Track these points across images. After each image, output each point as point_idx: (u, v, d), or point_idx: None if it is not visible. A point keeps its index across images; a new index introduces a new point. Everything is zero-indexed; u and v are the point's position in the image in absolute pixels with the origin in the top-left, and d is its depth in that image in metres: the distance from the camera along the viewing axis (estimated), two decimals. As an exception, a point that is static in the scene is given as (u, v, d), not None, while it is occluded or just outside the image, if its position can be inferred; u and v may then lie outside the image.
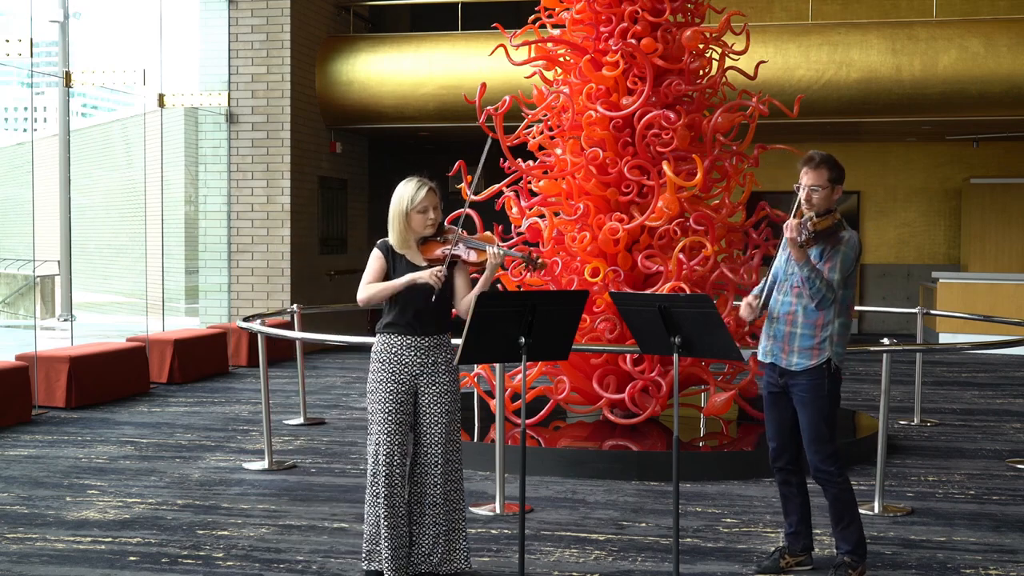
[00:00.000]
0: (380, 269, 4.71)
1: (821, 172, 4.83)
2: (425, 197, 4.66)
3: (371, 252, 4.77)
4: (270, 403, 7.48)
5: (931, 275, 16.02)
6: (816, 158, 4.86)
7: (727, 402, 7.69)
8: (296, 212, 13.96)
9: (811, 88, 13.40)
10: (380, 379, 4.67)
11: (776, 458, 5.04)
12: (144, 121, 13.24)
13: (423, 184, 4.69)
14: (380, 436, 4.63)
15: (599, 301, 7.87)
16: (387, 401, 4.64)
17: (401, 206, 4.66)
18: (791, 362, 4.86)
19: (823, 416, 4.84)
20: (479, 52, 13.55)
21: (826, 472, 4.86)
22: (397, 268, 4.69)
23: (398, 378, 4.66)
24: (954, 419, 9.52)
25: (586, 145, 8.08)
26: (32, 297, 15.51)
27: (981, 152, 17.37)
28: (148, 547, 5.48)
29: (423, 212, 4.66)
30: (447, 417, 4.71)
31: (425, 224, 4.68)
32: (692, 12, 8.45)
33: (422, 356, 4.68)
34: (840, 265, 4.79)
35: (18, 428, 8.72)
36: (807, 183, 4.84)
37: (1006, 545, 5.60)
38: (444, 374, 4.73)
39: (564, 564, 5.25)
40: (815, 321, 4.82)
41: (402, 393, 4.66)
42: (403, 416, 4.65)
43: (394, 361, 4.66)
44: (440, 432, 4.69)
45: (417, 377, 4.69)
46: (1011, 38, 13.37)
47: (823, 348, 4.82)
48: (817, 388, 4.83)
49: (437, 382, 4.71)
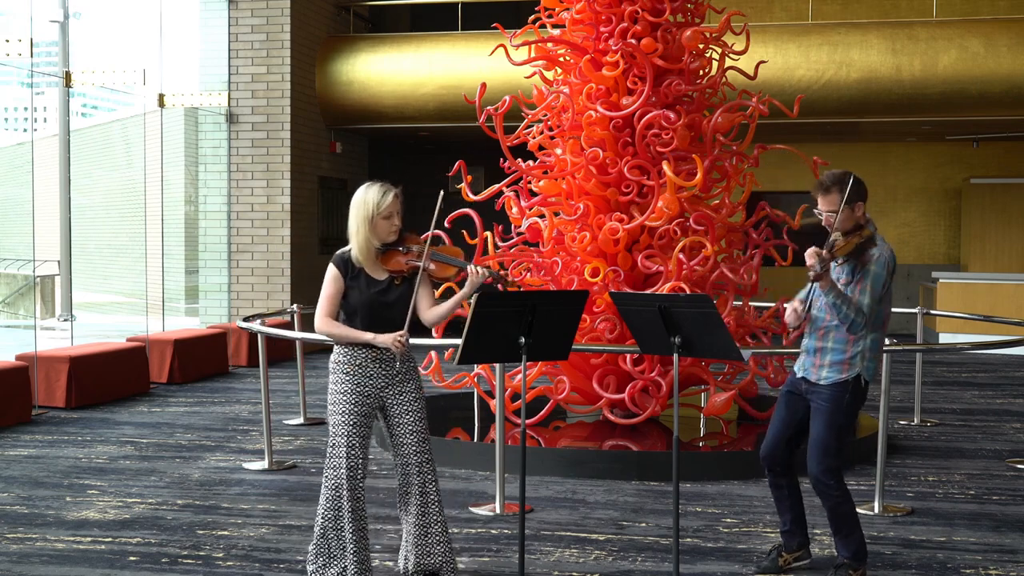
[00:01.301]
0: (336, 293, 4.55)
1: (832, 195, 4.75)
2: (391, 203, 4.51)
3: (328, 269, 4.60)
4: (270, 403, 7.48)
5: (931, 275, 16.02)
6: (825, 182, 4.77)
7: (727, 402, 7.68)
8: (296, 212, 13.96)
9: (811, 88, 13.40)
10: (344, 391, 4.56)
11: (767, 456, 5.02)
12: (144, 121, 13.24)
13: (388, 189, 4.53)
14: (344, 449, 4.53)
15: (599, 301, 7.87)
16: (352, 413, 4.54)
17: (367, 211, 4.49)
18: (820, 376, 4.83)
19: (834, 429, 4.80)
20: (479, 52, 13.55)
21: (824, 484, 4.83)
22: (357, 282, 4.55)
23: (364, 391, 4.56)
24: (954, 419, 9.52)
25: (586, 145, 8.08)
26: (32, 297, 15.51)
27: (981, 152, 17.38)
28: (148, 547, 5.48)
29: (388, 218, 4.51)
30: (419, 425, 4.63)
31: (389, 231, 4.53)
32: (692, 12, 8.45)
33: (387, 369, 4.57)
34: (870, 287, 4.70)
35: (18, 428, 8.72)
36: (823, 208, 4.78)
37: (1006, 545, 5.60)
38: (410, 383, 4.63)
39: (564, 564, 5.24)
40: (846, 336, 4.77)
41: (367, 406, 4.57)
42: (367, 429, 4.59)
43: (359, 374, 4.55)
44: (415, 442, 4.61)
45: (383, 390, 4.59)
46: (1011, 38, 13.38)
47: (853, 363, 4.77)
48: (837, 400, 4.79)
49: (404, 392, 4.62)
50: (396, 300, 4.56)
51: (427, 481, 4.65)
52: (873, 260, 4.74)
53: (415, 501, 4.66)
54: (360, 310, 4.55)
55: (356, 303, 4.55)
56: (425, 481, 4.64)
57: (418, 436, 4.63)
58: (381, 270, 4.58)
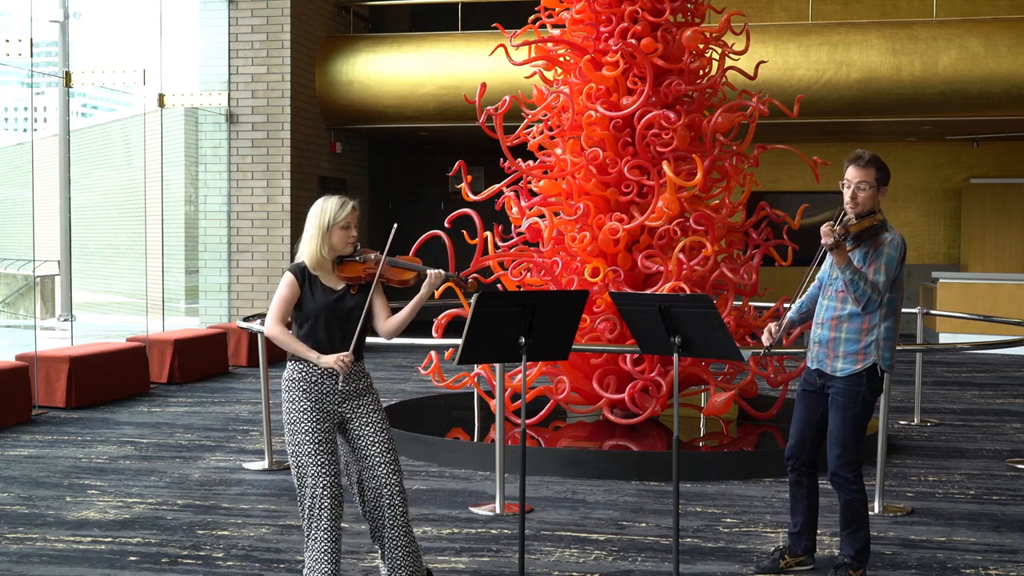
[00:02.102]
0: (290, 298, 4.49)
1: (869, 170, 4.79)
2: (348, 214, 4.50)
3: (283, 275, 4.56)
4: (270, 403, 7.47)
5: (931, 275, 16.02)
6: (865, 156, 4.82)
7: (727, 402, 7.68)
8: (296, 212, 13.96)
9: (811, 88, 13.40)
10: (303, 408, 4.46)
11: (792, 456, 5.01)
12: (144, 121, 13.24)
13: (346, 201, 4.54)
14: (314, 468, 4.42)
15: (599, 301, 7.87)
16: (315, 431, 4.44)
17: (323, 220, 4.48)
18: (836, 367, 4.82)
19: (853, 422, 4.80)
20: (479, 52, 13.55)
21: (843, 478, 4.83)
22: (313, 291, 4.49)
23: (323, 407, 4.47)
24: (954, 419, 9.52)
25: (586, 145, 8.08)
26: (32, 297, 15.52)
27: (981, 152, 17.38)
28: (148, 547, 5.48)
29: (346, 228, 4.49)
30: (384, 435, 4.54)
31: (346, 241, 4.50)
32: (692, 12, 8.45)
33: (343, 384, 4.48)
34: (885, 267, 4.73)
35: (18, 428, 8.72)
36: (855, 179, 4.79)
37: (1006, 545, 5.60)
38: (367, 396, 4.56)
39: (564, 564, 5.24)
40: (860, 325, 4.77)
41: (328, 422, 4.48)
42: (332, 445, 4.49)
43: (315, 391, 4.46)
44: (380, 452, 4.52)
45: (341, 405, 4.51)
46: (1011, 38, 13.38)
47: (868, 352, 4.78)
48: (853, 394, 4.79)
49: (363, 404, 4.54)
50: (352, 308, 4.48)
51: (395, 493, 4.53)
52: (886, 243, 4.77)
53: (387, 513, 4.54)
54: (315, 318, 4.47)
55: (311, 311, 4.48)
56: (393, 493, 4.53)
57: (383, 446, 4.52)
58: (337, 279, 4.53)
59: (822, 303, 4.90)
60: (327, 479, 4.43)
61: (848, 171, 4.83)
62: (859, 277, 4.68)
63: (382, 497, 4.54)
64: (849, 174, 4.82)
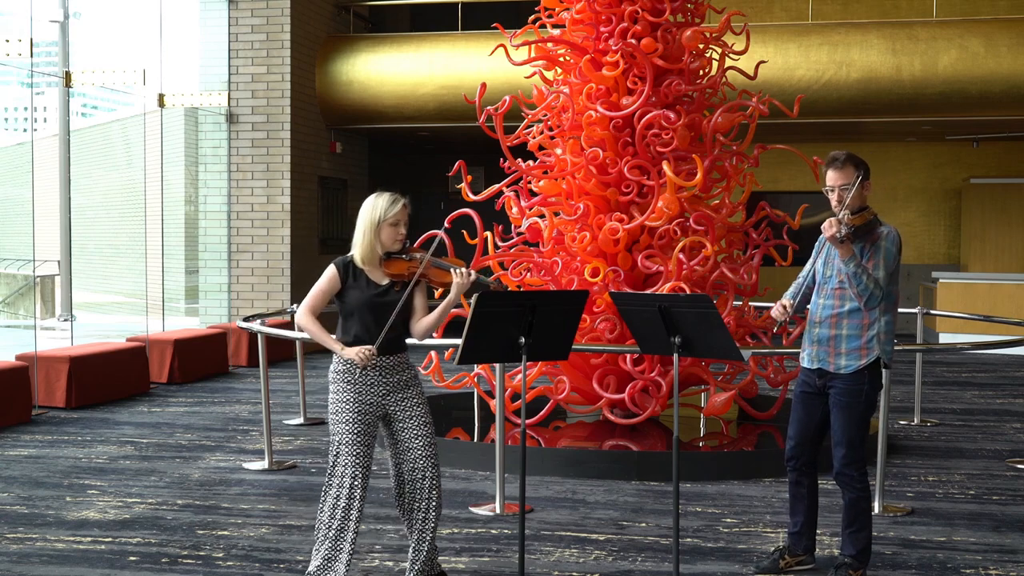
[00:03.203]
0: (328, 291, 4.61)
1: (847, 170, 4.78)
2: (399, 211, 4.59)
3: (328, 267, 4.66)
4: (270, 403, 7.48)
5: (931, 275, 16.03)
6: (840, 157, 4.80)
7: (727, 402, 7.68)
8: (296, 212, 13.96)
9: (811, 88, 13.40)
10: (346, 399, 4.57)
11: (793, 456, 5.00)
12: (144, 121, 13.24)
13: (397, 198, 4.63)
14: (351, 458, 4.54)
15: (599, 301, 7.87)
16: (355, 423, 4.55)
17: (374, 217, 4.59)
18: (839, 365, 4.81)
19: (857, 421, 4.80)
20: (479, 52, 13.55)
21: (850, 476, 4.83)
22: (357, 283, 4.59)
23: (366, 399, 4.57)
24: (954, 419, 9.52)
25: (586, 145, 8.08)
26: (32, 297, 15.52)
27: (981, 152, 17.38)
28: (148, 547, 5.48)
29: (395, 225, 4.58)
30: (425, 429, 4.64)
31: (395, 239, 4.60)
32: (692, 12, 8.45)
33: (387, 376, 4.59)
34: (883, 261, 4.74)
35: (18, 428, 8.72)
36: (836, 183, 4.78)
37: (1006, 545, 5.60)
38: (411, 389, 4.65)
39: (564, 564, 5.24)
40: (860, 321, 4.77)
41: (370, 415, 4.58)
42: (370, 439, 4.60)
43: (359, 382, 4.56)
44: (422, 446, 4.62)
45: (384, 397, 4.60)
46: (1011, 38, 13.38)
47: (871, 348, 4.78)
48: (856, 392, 4.79)
49: (407, 398, 4.63)
50: (394, 304, 4.57)
51: (433, 487, 4.65)
52: (883, 237, 4.78)
53: (422, 506, 4.64)
54: (358, 311, 4.58)
55: (353, 304, 4.59)
56: (431, 487, 4.64)
57: (425, 440, 4.63)
58: (383, 275, 4.63)
59: (818, 302, 4.88)
60: (359, 471, 4.55)
61: (828, 176, 4.83)
62: (862, 271, 4.68)
63: (422, 490, 4.63)
64: (829, 179, 4.82)
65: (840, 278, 4.78)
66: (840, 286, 4.79)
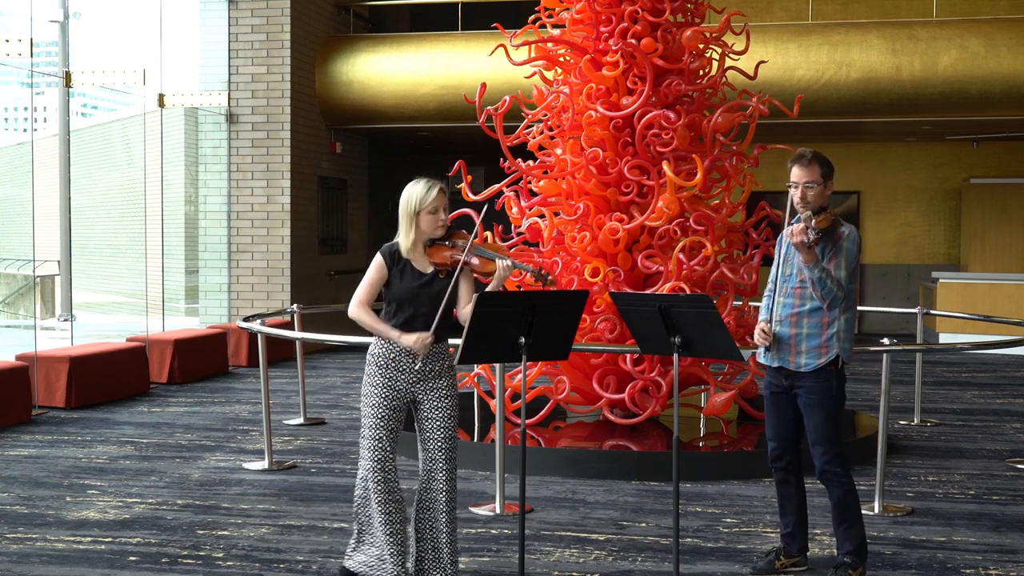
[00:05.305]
0: (377, 281, 4.64)
1: (814, 168, 4.82)
2: (436, 198, 4.57)
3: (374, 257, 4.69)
4: (270, 403, 7.48)
5: (931, 275, 16.02)
6: (807, 155, 4.85)
7: (727, 402, 7.69)
8: (296, 212, 13.96)
9: (811, 88, 13.40)
10: (377, 383, 4.60)
11: (776, 458, 5.03)
12: (144, 121, 13.24)
13: (433, 184, 4.60)
14: (371, 441, 4.58)
15: (599, 301, 7.87)
16: (381, 407, 4.58)
17: (410, 207, 4.57)
18: (800, 363, 4.83)
19: (830, 417, 4.82)
20: (479, 52, 13.55)
21: (832, 473, 4.85)
22: (403, 275, 4.60)
23: (395, 385, 4.60)
24: (954, 419, 9.52)
25: (586, 145, 8.08)
26: (32, 297, 15.53)
27: (981, 152, 17.37)
28: (148, 547, 5.48)
29: (433, 213, 4.57)
30: (448, 422, 4.66)
31: (435, 226, 4.59)
32: (692, 12, 8.45)
33: (421, 364, 4.61)
34: (845, 262, 4.77)
35: (18, 428, 8.72)
36: (801, 179, 4.81)
37: (1006, 545, 5.60)
38: (443, 379, 4.67)
39: (564, 564, 5.25)
40: (820, 319, 4.80)
41: (398, 400, 4.60)
42: (395, 423, 4.62)
43: (392, 367, 4.59)
44: (442, 438, 4.64)
45: (414, 385, 4.62)
46: (1011, 38, 13.37)
47: (831, 345, 4.80)
48: (824, 389, 4.81)
49: (437, 388, 4.65)
50: (439, 292, 4.59)
51: (448, 479, 4.66)
52: (844, 237, 4.82)
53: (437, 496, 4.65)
54: (404, 300, 4.60)
55: (399, 293, 4.61)
56: (447, 479, 4.65)
57: (446, 432, 4.65)
58: (428, 263, 4.63)
59: (778, 300, 4.90)
60: (380, 454, 4.57)
61: (793, 172, 4.85)
62: (826, 275, 4.71)
63: (436, 481, 4.65)
64: (794, 175, 4.84)
65: (801, 277, 4.82)
66: (800, 285, 4.82)
